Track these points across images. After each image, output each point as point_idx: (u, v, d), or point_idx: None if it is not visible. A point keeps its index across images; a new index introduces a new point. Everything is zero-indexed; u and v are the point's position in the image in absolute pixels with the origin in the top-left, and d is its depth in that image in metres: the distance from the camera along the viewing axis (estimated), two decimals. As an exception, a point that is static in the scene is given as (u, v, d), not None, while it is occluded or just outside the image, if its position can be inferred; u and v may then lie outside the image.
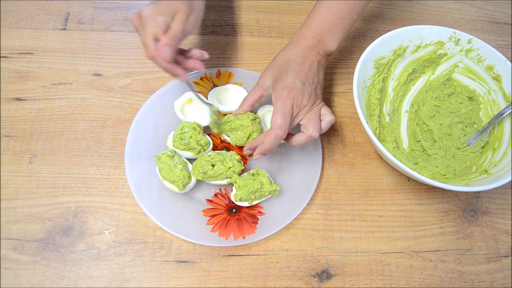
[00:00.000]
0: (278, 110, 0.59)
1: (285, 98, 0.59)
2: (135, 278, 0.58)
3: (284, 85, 0.60)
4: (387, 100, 0.71)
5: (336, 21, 0.64)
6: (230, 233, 0.60)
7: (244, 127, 0.63)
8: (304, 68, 0.61)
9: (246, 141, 0.64)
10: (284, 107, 0.58)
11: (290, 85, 0.60)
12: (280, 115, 0.58)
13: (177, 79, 0.56)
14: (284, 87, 0.59)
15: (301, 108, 0.61)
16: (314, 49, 0.63)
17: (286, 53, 0.63)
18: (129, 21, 0.73)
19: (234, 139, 0.64)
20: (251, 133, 0.63)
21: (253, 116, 0.64)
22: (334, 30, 0.64)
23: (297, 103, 0.60)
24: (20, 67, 0.72)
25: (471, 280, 0.63)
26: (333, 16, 0.64)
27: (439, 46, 0.70)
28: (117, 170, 0.65)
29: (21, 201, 0.61)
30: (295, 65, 0.61)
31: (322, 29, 0.64)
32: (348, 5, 0.64)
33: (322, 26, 0.64)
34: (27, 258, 0.58)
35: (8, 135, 0.66)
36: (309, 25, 0.65)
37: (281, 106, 0.59)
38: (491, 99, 0.69)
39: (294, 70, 0.61)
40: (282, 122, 0.58)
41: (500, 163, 0.62)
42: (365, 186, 0.68)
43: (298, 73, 0.61)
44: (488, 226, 0.67)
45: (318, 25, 0.64)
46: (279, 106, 0.59)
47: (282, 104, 0.59)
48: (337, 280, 0.61)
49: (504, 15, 0.91)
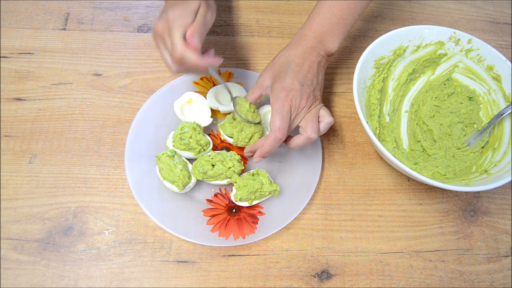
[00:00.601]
0: (276, 112, 0.58)
1: (283, 100, 0.59)
2: (135, 278, 0.58)
3: (283, 87, 0.59)
4: (387, 100, 0.71)
5: (337, 21, 0.64)
6: (230, 233, 0.60)
7: (246, 127, 0.63)
8: (303, 70, 0.61)
9: (248, 142, 0.64)
10: (282, 109, 0.58)
11: (288, 86, 0.59)
12: (278, 117, 0.58)
13: (208, 70, 0.57)
14: (282, 89, 0.59)
15: (299, 110, 0.60)
16: (314, 49, 0.63)
17: (286, 54, 0.63)
18: (151, 30, 0.74)
19: (235, 140, 0.64)
20: (253, 134, 0.63)
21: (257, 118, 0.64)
22: (335, 30, 0.64)
23: (295, 105, 0.60)
24: (20, 67, 0.72)
25: (471, 280, 0.63)
26: (333, 16, 0.64)
27: (439, 46, 0.70)
28: (117, 170, 0.65)
29: (21, 201, 0.61)
30: (294, 66, 0.61)
31: (323, 29, 0.64)
32: (349, 5, 0.64)
33: (323, 26, 0.64)
34: (27, 258, 0.58)
35: (8, 135, 0.66)
36: (309, 25, 0.65)
37: (279, 108, 0.58)
38: (491, 99, 0.69)
39: (293, 71, 0.61)
40: (281, 124, 0.58)
41: (500, 163, 0.62)
42: (365, 186, 0.68)
43: (297, 74, 0.61)
44: (488, 226, 0.67)
45: (318, 25, 0.64)
46: (277, 108, 0.58)
47: (280, 106, 0.58)
48: (337, 280, 0.61)
49: (504, 15, 0.91)
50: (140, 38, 0.77)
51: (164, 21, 0.55)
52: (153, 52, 0.76)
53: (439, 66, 0.72)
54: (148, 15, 0.80)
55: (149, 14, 0.80)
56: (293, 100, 0.59)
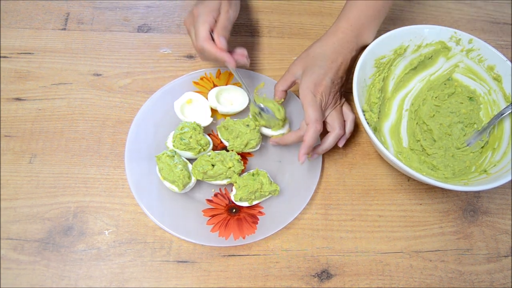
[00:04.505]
0: (309, 105, 0.59)
1: (315, 93, 0.59)
2: (135, 278, 0.58)
3: (313, 81, 0.60)
4: (387, 99, 0.71)
5: (373, 13, 0.64)
6: (230, 233, 0.60)
7: (242, 133, 0.63)
8: (336, 66, 0.62)
9: (244, 148, 0.64)
10: (315, 102, 0.59)
11: (319, 81, 0.60)
12: (313, 109, 0.58)
13: (226, 65, 0.61)
14: (313, 83, 0.60)
15: (326, 106, 0.61)
16: (350, 44, 0.63)
17: (321, 46, 0.63)
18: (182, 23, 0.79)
19: (231, 145, 0.64)
20: (248, 141, 0.63)
21: (253, 125, 0.63)
22: (371, 23, 0.64)
23: (325, 100, 0.60)
24: (20, 67, 0.72)
25: (471, 280, 0.63)
26: (369, 9, 0.64)
27: (439, 46, 0.70)
28: (117, 170, 0.65)
29: (21, 201, 0.61)
30: (328, 62, 0.61)
31: (360, 21, 0.64)
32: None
33: (360, 18, 0.64)
34: (27, 258, 0.58)
35: (8, 135, 0.66)
36: (346, 18, 0.64)
37: (312, 100, 0.59)
38: (491, 99, 0.69)
39: (327, 66, 0.61)
40: (318, 115, 0.58)
41: (500, 163, 0.62)
42: (365, 186, 0.68)
43: (329, 70, 0.61)
44: (488, 226, 0.67)
45: (355, 18, 0.64)
46: (309, 101, 0.59)
47: (313, 98, 0.59)
48: (337, 280, 0.61)
49: (504, 15, 0.91)
50: (140, 38, 0.77)
51: (190, 16, 0.62)
52: (153, 52, 0.76)
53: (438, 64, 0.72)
54: (148, 15, 0.80)
55: (149, 14, 0.80)
56: (323, 94, 0.60)
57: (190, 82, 0.71)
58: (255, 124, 0.64)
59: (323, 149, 0.62)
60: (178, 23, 0.80)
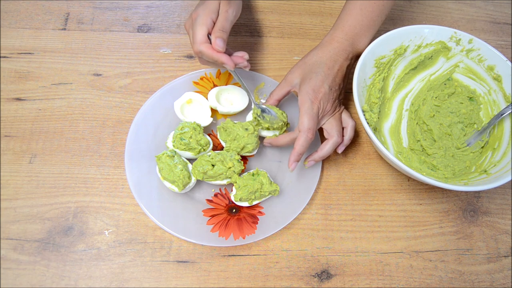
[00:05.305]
0: (305, 112, 0.59)
1: (313, 101, 0.60)
2: (135, 278, 0.58)
3: (312, 88, 0.60)
4: (387, 99, 0.71)
5: (368, 23, 0.65)
6: (230, 233, 0.60)
7: (239, 136, 0.63)
8: (333, 73, 0.62)
9: (240, 152, 0.64)
10: (311, 110, 0.59)
11: (318, 88, 0.60)
12: (308, 118, 0.59)
13: (225, 67, 0.60)
14: (312, 90, 0.60)
15: (325, 113, 0.62)
16: (345, 52, 0.64)
17: (318, 54, 0.64)
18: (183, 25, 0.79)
19: (227, 147, 0.64)
20: (245, 145, 0.63)
21: (252, 129, 0.63)
22: (366, 32, 0.65)
23: (323, 108, 0.61)
24: (20, 67, 0.72)
25: (471, 280, 0.63)
26: (365, 18, 0.65)
27: (439, 46, 0.70)
28: (117, 170, 0.65)
29: (21, 201, 0.61)
30: (325, 69, 0.62)
31: (355, 31, 0.64)
32: (379, 6, 0.65)
33: (355, 28, 0.65)
34: (27, 258, 0.58)
35: (8, 135, 0.66)
36: (341, 27, 0.65)
37: (309, 108, 0.59)
38: (491, 99, 0.69)
39: (324, 73, 0.61)
40: (311, 124, 0.59)
41: (500, 163, 0.62)
42: (365, 186, 0.68)
43: (327, 77, 0.62)
44: (488, 226, 0.67)
45: (350, 27, 0.65)
46: (306, 109, 0.59)
47: (310, 107, 0.59)
48: (337, 280, 0.61)
49: (504, 15, 0.91)
50: (140, 38, 0.77)
51: (190, 19, 0.62)
52: (153, 52, 0.76)
53: (438, 64, 0.72)
54: (148, 15, 0.80)
55: (149, 14, 0.80)
56: (321, 102, 0.60)
57: (190, 82, 0.71)
58: (254, 128, 0.64)
59: (320, 156, 0.62)
60: (178, 23, 0.80)
